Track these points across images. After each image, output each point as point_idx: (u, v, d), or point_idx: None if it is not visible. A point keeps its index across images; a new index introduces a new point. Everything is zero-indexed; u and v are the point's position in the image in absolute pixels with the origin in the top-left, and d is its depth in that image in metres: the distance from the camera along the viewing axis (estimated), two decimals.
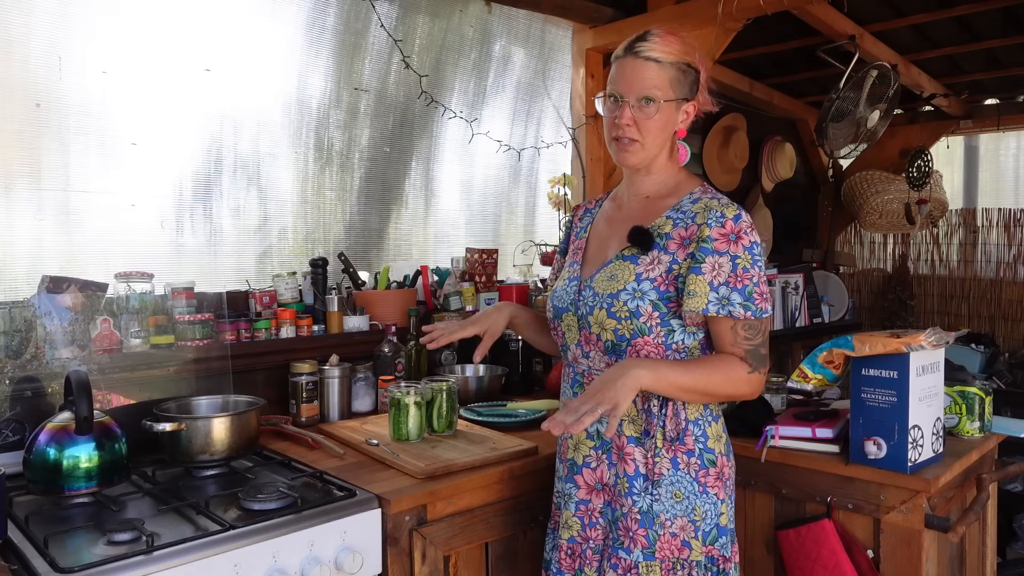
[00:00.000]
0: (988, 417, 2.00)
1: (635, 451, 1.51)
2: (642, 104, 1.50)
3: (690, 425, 1.51)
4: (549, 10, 3.09)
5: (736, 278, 1.44)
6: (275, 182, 2.46)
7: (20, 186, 1.97)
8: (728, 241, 1.45)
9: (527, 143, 3.21)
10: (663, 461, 1.49)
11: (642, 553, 1.48)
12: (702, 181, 1.60)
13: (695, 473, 1.50)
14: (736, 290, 1.44)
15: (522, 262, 3.19)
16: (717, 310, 1.44)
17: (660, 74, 1.50)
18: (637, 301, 1.49)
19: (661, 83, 1.50)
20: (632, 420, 1.52)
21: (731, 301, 1.44)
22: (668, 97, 1.51)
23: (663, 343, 1.50)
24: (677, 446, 1.50)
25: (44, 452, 1.50)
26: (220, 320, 2.11)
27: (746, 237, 1.46)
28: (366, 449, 1.88)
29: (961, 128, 4.87)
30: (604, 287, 1.53)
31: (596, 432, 1.57)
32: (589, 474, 1.58)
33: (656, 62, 1.50)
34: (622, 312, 1.50)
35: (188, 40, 2.21)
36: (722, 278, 1.44)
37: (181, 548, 1.33)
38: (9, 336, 1.78)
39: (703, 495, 1.50)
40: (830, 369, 1.80)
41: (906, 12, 3.34)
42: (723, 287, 1.44)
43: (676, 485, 1.49)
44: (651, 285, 1.49)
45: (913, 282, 5.41)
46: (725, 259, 1.45)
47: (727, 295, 1.44)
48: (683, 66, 1.53)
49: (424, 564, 1.63)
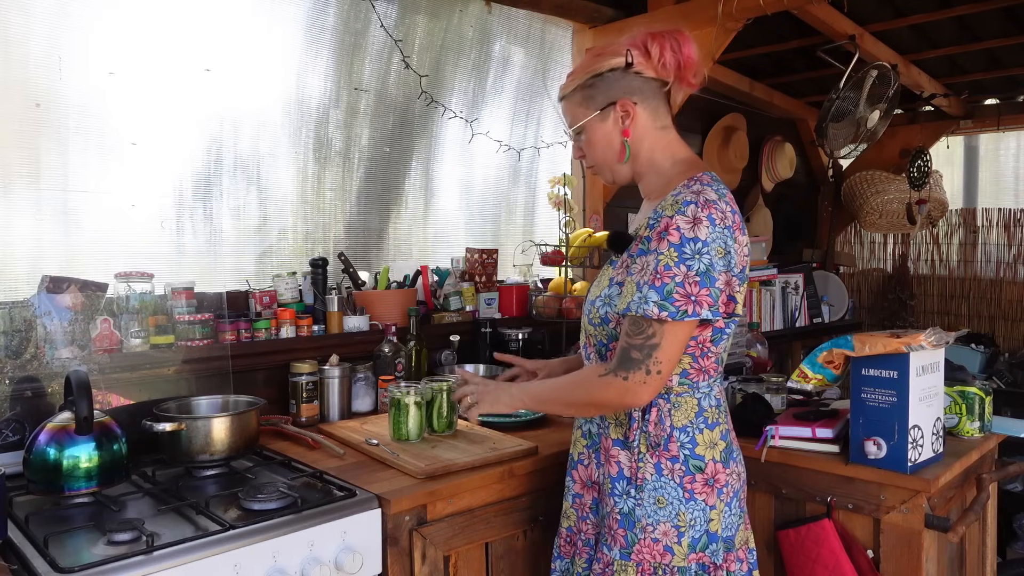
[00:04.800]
0: (988, 417, 2.00)
1: (620, 454, 1.51)
2: (576, 138, 1.61)
3: (676, 432, 1.47)
4: (549, 10, 3.09)
5: (656, 276, 1.37)
6: (275, 182, 2.46)
7: (20, 186, 1.97)
8: (657, 238, 1.40)
9: (527, 143, 3.21)
10: (647, 466, 1.47)
11: (620, 552, 1.48)
12: (694, 173, 1.49)
13: (679, 479, 1.46)
14: (654, 288, 1.37)
15: (522, 262, 3.19)
16: (637, 308, 1.38)
17: (568, 107, 1.59)
18: (606, 307, 1.50)
19: (576, 112, 1.57)
20: (618, 423, 1.52)
21: (647, 299, 1.37)
22: (584, 118, 1.56)
23: None
24: (661, 452, 1.47)
25: (44, 452, 1.50)
26: (220, 320, 2.11)
27: (679, 232, 1.37)
28: (366, 449, 1.88)
29: (961, 128, 4.87)
30: (591, 293, 1.58)
31: (588, 432, 1.60)
32: (582, 470, 1.62)
33: (563, 100, 1.61)
34: (595, 318, 1.52)
35: (188, 40, 2.21)
36: (646, 276, 1.39)
37: (181, 548, 1.33)
38: (9, 336, 1.78)
39: (690, 502, 1.46)
40: (830, 369, 1.80)
41: (906, 12, 3.34)
42: (644, 286, 1.39)
43: (660, 491, 1.47)
44: (619, 290, 1.48)
45: (913, 282, 5.41)
46: (652, 257, 1.39)
47: (644, 294, 1.38)
48: (587, 82, 1.54)
49: (424, 564, 1.63)
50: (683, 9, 2.92)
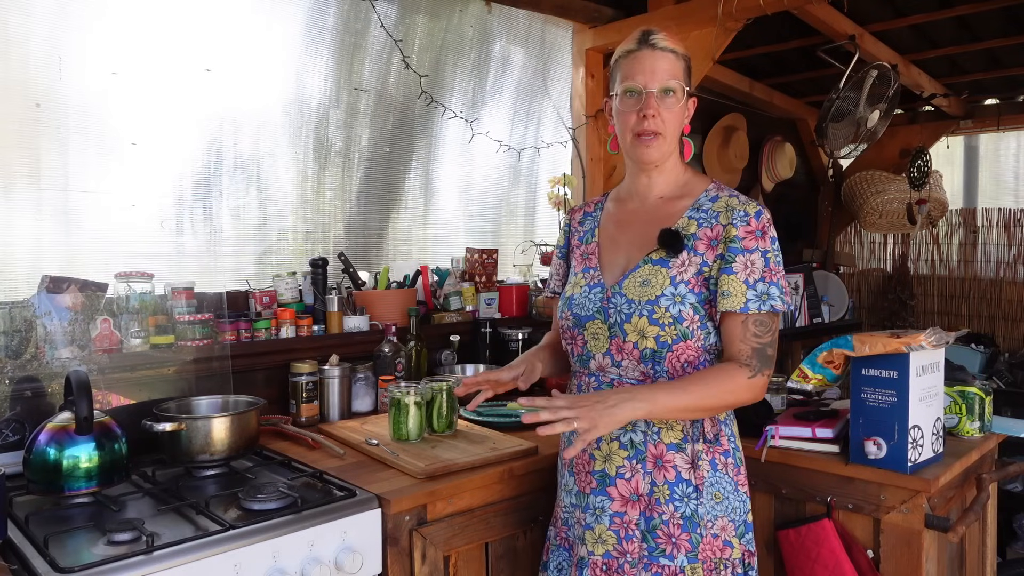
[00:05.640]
0: (988, 417, 2.00)
1: (675, 457, 1.48)
2: (663, 95, 1.48)
3: (722, 426, 1.52)
4: (549, 10, 3.09)
5: (771, 272, 1.45)
6: (275, 182, 2.46)
7: (20, 186, 1.97)
8: (755, 238, 1.46)
9: (527, 143, 3.21)
10: (704, 464, 1.48)
11: (686, 557, 1.45)
12: (711, 178, 1.60)
13: (732, 473, 1.50)
14: (773, 284, 1.45)
15: (522, 262, 3.20)
16: (758, 306, 1.44)
17: (677, 64, 1.50)
18: (679, 306, 1.46)
19: (678, 73, 1.50)
20: (671, 427, 1.49)
21: (771, 295, 1.45)
22: (685, 87, 1.51)
23: (702, 346, 1.48)
24: (715, 447, 1.50)
25: (44, 452, 1.50)
26: (220, 320, 2.11)
27: (771, 231, 1.48)
28: (366, 449, 1.88)
29: (961, 128, 4.87)
30: (639, 293, 1.48)
31: (630, 442, 1.50)
32: (624, 485, 1.50)
33: (673, 53, 1.50)
34: (665, 318, 1.45)
35: (188, 40, 2.21)
36: (757, 275, 1.45)
37: (181, 548, 1.33)
38: (9, 336, 1.78)
39: (736, 493, 1.51)
40: (830, 369, 1.80)
41: (906, 12, 3.34)
42: (760, 283, 1.45)
43: (716, 486, 1.48)
44: (687, 288, 1.47)
45: (913, 282, 5.41)
46: (756, 255, 1.45)
47: (765, 290, 1.44)
48: (688, 60, 1.55)
49: (424, 564, 1.63)
50: (683, 9, 2.92)
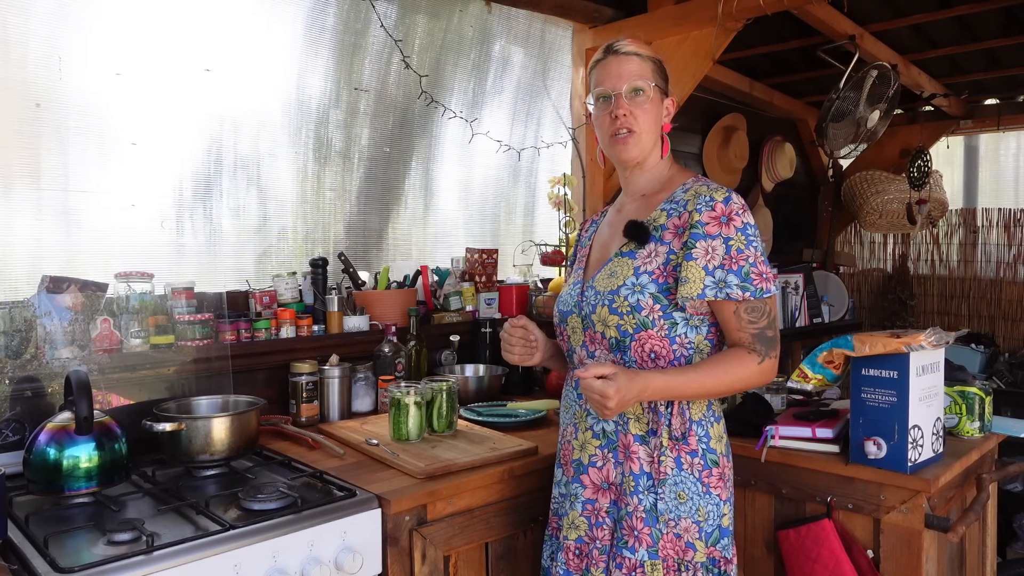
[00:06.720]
0: (988, 417, 2.00)
1: (640, 449, 1.51)
2: (632, 95, 1.55)
3: (694, 425, 1.51)
4: (549, 10, 3.09)
5: (731, 259, 1.44)
6: (275, 182, 2.46)
7: (20, 186, 1.97)
8: (719, 224, 1.46)
9: (527, 143, 3.21)
10: (667, 460, 1.49)
11: (647, 552, 1.47)
12: (695, 173, 1.62)
13: (699, 473, 1.50)
14: (732, 272, 1.44)
15: (522, 262, 3.19)
16: (715, 294, 1.44)
17: (643, 65, 1.57)
18: (637, 295, 1.49)
19: (645, 73, 1.57)
20: (638, 418, 1.52)
21: (728, 283, 1.44)
22: (654, 85, 1.56)
23: (667, 336, 1.49)
24: (681, 446, 1.50)
25: (44, 452, 1.50)
26: (220, 320, 2.11)
27: (738, 218, 1.45)
28: (366, 449, 1.88)
29: (961, 128, 4.87)
30: (604, 284, 1.54)
31: (602, 431, 1.57)
32: (595, 473, 1.57)
33: (637, 55, 1.57)
34: (623, 307, 1.50)
35: (188, 40, 2.21)
36: (716, 261, 1.44)
37: (181, 548, 1.33)
38: (9, 336, 1.78)
39: (706, 495, 1.50)
40: (830, 369, 1.80)
41: (906, 12, 3.34)
42: (718, 270, 1.44)
43: (680, 486, 1.49)
44: (649, 278, 1.49)
45: (913, 282, 5.41)
46: (718, 242, 1.45)
47: (723, 277, 1.44)
48: (657, 62, 1.60)
49: (424, 564, 1.63)
50: (683, 9, 2.92)
